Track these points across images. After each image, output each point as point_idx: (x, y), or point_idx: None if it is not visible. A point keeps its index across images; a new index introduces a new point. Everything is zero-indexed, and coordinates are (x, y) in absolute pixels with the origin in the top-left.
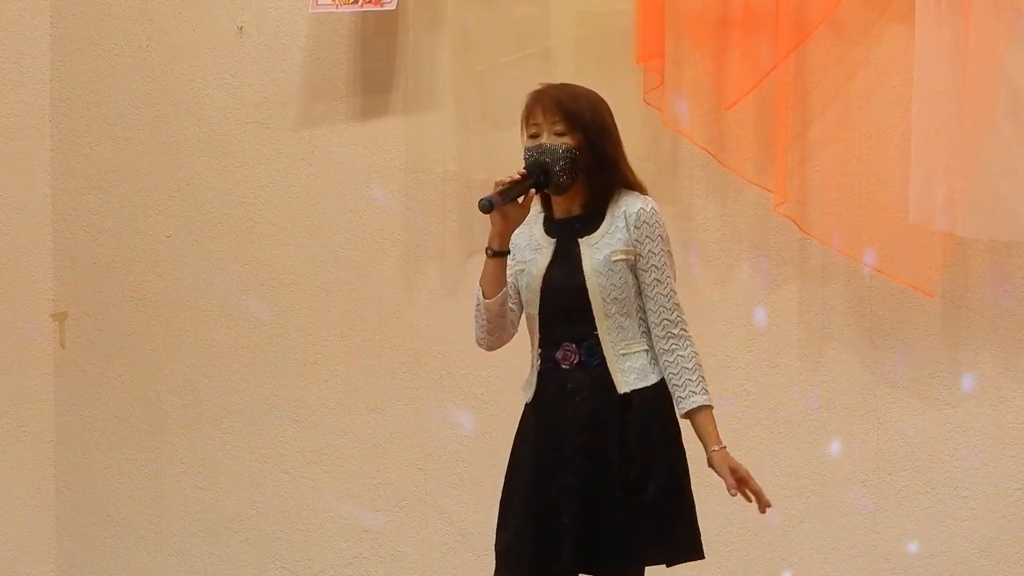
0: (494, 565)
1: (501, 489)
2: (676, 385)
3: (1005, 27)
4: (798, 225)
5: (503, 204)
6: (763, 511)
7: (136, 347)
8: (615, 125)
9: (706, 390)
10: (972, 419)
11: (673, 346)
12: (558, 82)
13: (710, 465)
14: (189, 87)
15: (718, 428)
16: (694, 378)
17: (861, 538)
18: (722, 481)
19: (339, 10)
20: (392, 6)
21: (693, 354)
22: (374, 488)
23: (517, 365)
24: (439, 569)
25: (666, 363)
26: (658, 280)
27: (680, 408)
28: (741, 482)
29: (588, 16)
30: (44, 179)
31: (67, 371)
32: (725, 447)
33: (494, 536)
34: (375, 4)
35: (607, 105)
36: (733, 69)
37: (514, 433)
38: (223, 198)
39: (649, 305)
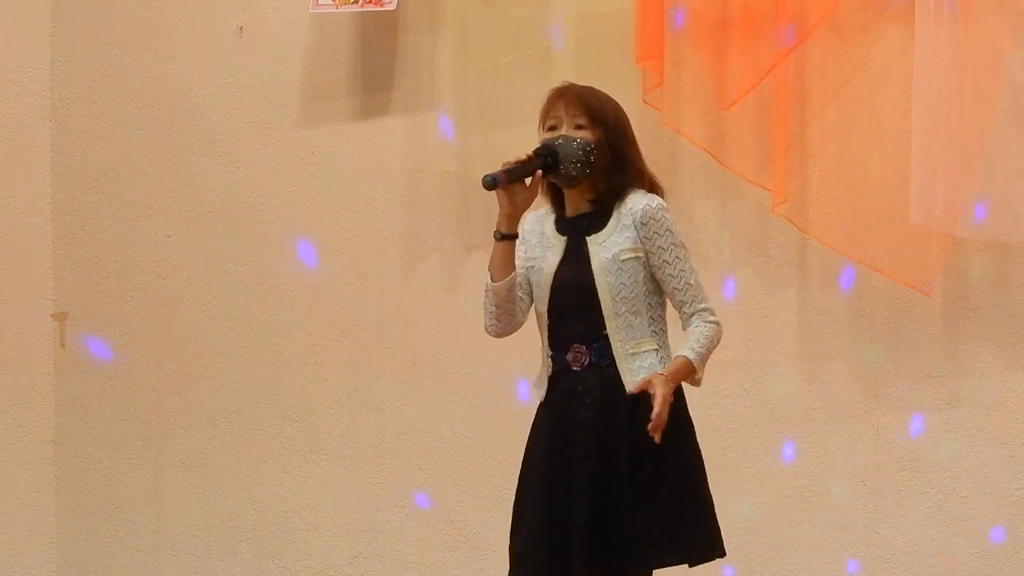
0: (508, 569)
1: (515, 491)
2: (685, 342)
3: (1005, 27)
4: (796, 225)
5: (507, 183)
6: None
7: (136, 347)
8: (631, 129)
9: (699, 353)
10: (972, 419)
11: (696, 320)
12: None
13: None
14: (189, 87)
15: (687, 383)
16: (696, 341)
17: (861, 538)
18: (724, 484)
19: (339, 10)
20: (392, 6)
21: (709, 325)
22: (374, 488)
23: (517, 365)
24: (439, 569)
25: (688, 333)
26: (671, 275)
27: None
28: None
29: (588, 16)
30: (44, 179)
31: (67, 371)
32: (669, 377)
33: (508, 538)
34: (375, 4)
35: (626, 115)
36: (733, 69)
37: (514, 432)
38: (223, 198)
39: (671, 298)
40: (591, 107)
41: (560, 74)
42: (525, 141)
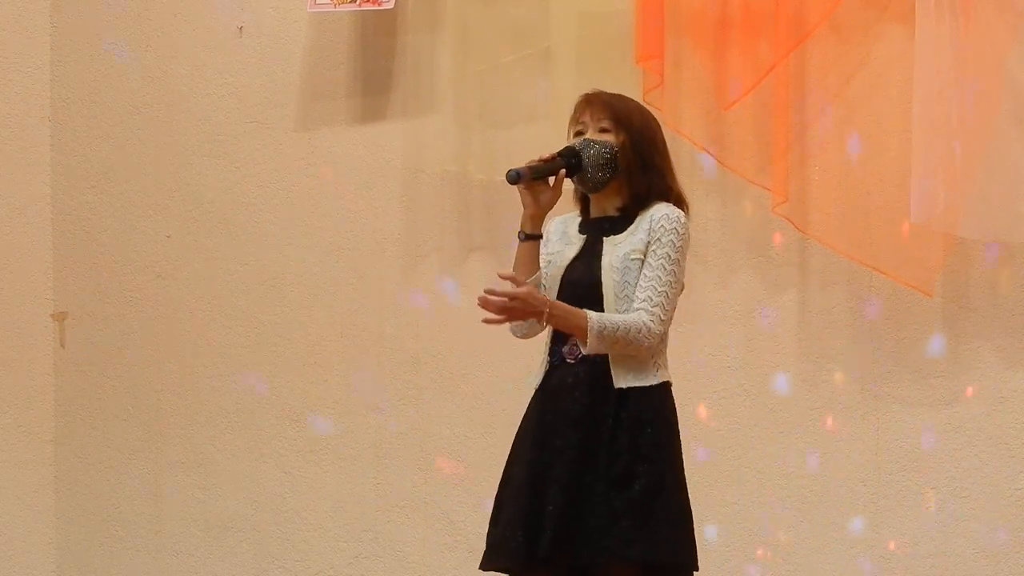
0: (482, 556)
1: (499, 482)
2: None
3: (1006, 27)
4: (795, 225)
5: (530, 179)
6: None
7: (136, 347)
8: (664, 141)
9: (602, 324)
10: (972, 419)
11: (636, 312)
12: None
13: None
14: (189, 87)
15: (584, 334)
16: (611, 317)
17: (861, 538)
18: (724, 484)
19: (337, 9)
20: (390, 5)
21: (640, 321)
22: (374, 488)
23: (517, 365)
24: (439, 569)
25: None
26: (647, 275)
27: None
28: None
29: (588, 16)
30: (44, 179)
31: (67, 371)
32: (552, 303)
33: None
34: (373, 3)
35: (658, 122)
36: (733, 69)
37: (514, 432)
38: (223, 198)
39: (636, 292)
40: (616, 111)
41: (560, 74)
42: (525, 141)
